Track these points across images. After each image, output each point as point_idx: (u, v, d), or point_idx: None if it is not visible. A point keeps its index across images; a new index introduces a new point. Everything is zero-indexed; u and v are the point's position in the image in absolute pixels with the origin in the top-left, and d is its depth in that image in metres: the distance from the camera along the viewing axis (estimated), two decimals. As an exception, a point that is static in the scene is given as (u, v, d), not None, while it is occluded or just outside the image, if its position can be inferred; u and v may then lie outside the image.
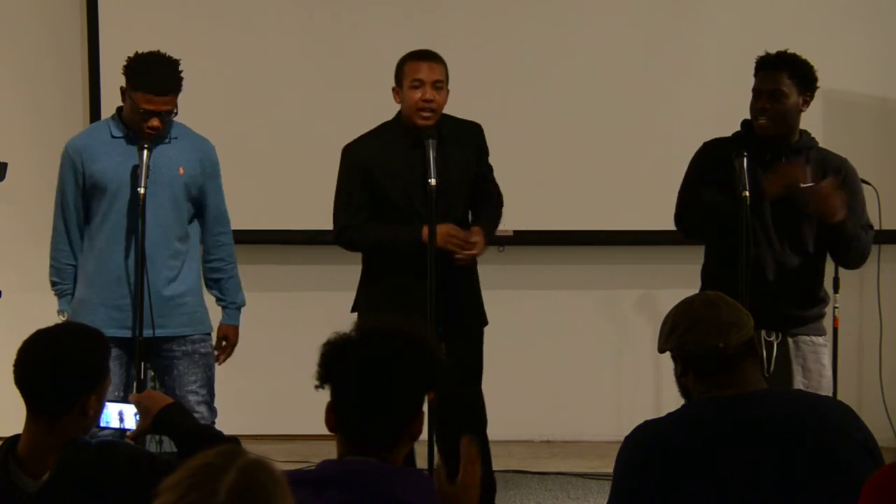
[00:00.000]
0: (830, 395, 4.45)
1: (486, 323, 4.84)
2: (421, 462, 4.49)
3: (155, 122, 4.39)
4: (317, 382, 2.42)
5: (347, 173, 4.69)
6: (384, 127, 4.68)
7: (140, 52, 4.45)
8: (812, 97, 4.45)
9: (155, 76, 4.38)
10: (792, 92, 4.37)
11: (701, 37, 6.26)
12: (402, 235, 4.56)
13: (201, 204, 4.62)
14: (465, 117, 4.77)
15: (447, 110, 4.66)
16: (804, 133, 4.48)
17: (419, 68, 4.55)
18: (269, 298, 6.42)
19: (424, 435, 3.28)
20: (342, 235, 4.73)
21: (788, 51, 4.46)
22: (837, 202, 4.31)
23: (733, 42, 6.10)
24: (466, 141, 4.71)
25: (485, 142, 4.78)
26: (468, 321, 4.73)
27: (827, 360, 4.52)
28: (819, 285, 4.54)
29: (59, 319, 4.45)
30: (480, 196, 4.77)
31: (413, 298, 4.38)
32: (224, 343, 4.71)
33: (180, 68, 4.43)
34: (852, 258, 4.58)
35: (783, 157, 4.41)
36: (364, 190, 4.64)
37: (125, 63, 4.45)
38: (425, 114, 4.53)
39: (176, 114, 4.45)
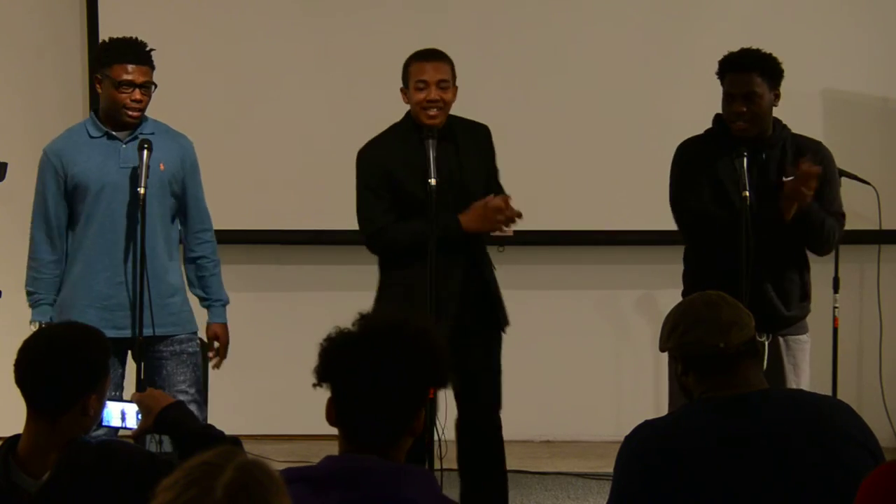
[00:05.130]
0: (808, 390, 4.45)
1: (501, 326, 4.80)
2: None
3: (137, 95, 4.41)
4: (314, 381, 2.41)
5: (369, 177, 4.59)
6: (394, 129, 4.64)
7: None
8: (779, 89, 4.41)
9: (130, 46, 4.44)
10: (765, 91, 4.35)
11: (701, 37, 6.25)
12: (443, 226, 4.44)
13: (183, 201, 4.59)
14: (465, 117, 4.76)
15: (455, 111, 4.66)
16: (777, 124, 4.46)
17: (423, 69, 4.54)
18: (269, 298, 6.43)
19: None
20: (379, 237, 4.61)
21: (752, 47, 4.43)
22: (813, 187, 4.27)
23: (734, 43, 6.04)
24: (478, 142, 4.71)
25: (492, 144, 4.77)
26: (481, 324, 4.70)
27: (808, 356, 4.54)
28: (807, 284, 4.53)
29: (31, 329, 4.40)
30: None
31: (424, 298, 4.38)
32: (216, 344, 4.67)
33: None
34: (818, 244, 4.51)
35: (761, 152, 4.41)
36: (389, 191, 4.57)
37: (96, 52, 4.50)
38: (431, 112, 4.53)
39: (156, 87, 4.46)
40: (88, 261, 4.48)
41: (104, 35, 6.17)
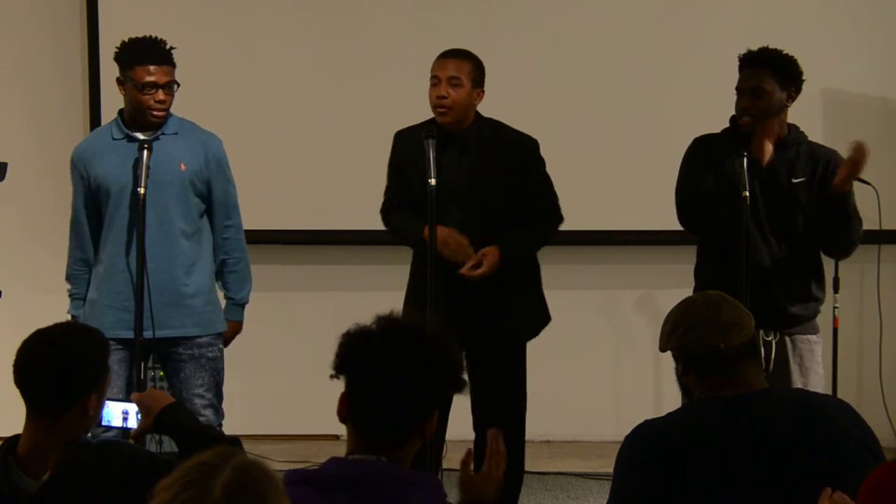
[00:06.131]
0: (821, 391, 4.44)
1: (524, 336, 4.81)
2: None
3: (161, 96, 4.40)
4: (332, 372, 2.41)
5: (390, 159, 4.72)
6: (429, 122, 4.62)
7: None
8: (798, 91, 4.40)
9: (151, 47, 4.43)
10: (774, 89, 4.35)
11: (701, 37, 6.25)
12: (407, 229, 4.59)
13: (209, 199, 4.58)
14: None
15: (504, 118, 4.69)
16: (793, 128, 4.46)
17: (437, 65, 4.57)
18: (269, 298, 6.41)
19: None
20: (382, 214, 4.76)
21: (770, 46, 4.43)
22: (861, 168, 4.27)
23: (734, 42, 6.07)
24: (504, 151, 4.62)
25: (533, 157, 4.67)
26: (492, 333, 4.63)
27: (820, 357, 4.52)
28: (817, 284, 4.52)
29: (65, 318, 4.45)
30: (527, 213, 4.66)
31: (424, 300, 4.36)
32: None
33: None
34: (843, 244, 4.49)
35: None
36: (398, 178, 4.68)
37: (116, 52, 4.48)
38: (440, 110, 4.54)
39: (178, 86, 4.46)
40: (110, 262, 4.49)
41: (105, 36, 6.21)
